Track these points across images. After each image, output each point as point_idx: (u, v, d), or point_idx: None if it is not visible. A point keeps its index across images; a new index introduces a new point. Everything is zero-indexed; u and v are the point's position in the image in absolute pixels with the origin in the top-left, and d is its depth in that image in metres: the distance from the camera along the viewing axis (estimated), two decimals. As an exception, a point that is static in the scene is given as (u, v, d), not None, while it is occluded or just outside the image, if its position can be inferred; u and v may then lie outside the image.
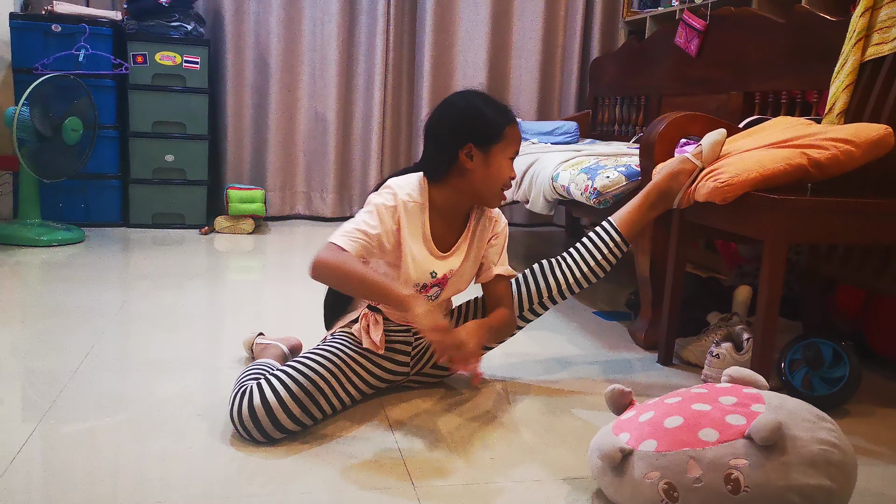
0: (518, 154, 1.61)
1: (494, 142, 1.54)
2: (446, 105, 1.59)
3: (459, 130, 1.54)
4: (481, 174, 1.54)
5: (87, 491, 1.18)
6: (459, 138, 1.54)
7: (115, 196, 3.56)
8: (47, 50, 3.32)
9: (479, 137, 1.53)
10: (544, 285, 1.71)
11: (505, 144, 1.55)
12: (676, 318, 1.94)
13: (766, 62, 2.58)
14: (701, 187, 1.67)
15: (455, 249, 1.61)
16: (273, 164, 3.94)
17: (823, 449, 1.08)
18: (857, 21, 1.89)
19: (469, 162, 1.53)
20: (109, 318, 2.11)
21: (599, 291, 2.80)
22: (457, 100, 1.59)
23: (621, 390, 1.31)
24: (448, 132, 1.56)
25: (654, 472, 1.11)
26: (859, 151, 1.58)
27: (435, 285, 1.59)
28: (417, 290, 1.57)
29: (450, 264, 1.60)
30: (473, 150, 1.53)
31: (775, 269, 1.53)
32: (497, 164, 1.55)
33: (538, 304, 1.72)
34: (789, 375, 1.70)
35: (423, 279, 1.56)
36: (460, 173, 1.55)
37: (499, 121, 1.55)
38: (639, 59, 3.61)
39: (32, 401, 1.52)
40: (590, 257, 1.74)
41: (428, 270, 1.56)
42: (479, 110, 1.55)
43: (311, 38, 3.91)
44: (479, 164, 1.54)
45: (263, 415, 1.36)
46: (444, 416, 1.55)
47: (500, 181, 1.57)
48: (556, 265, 1.73)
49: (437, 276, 1.58)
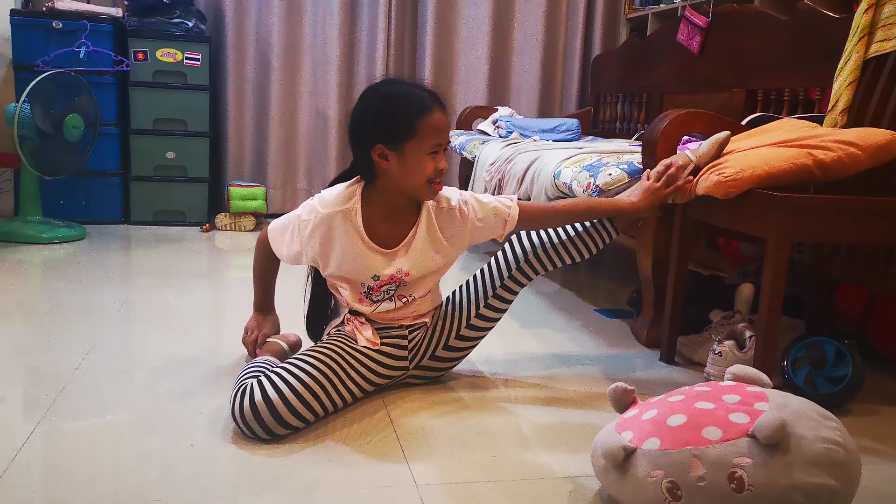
0: (444, 145, 1.50)
1: (406, 139, 1.46)
2: (358, 104, 1.52)
3: (368, 132, 1.49)
4: (398, 173, 1.49)
5: (88, 489, 1.17)
6: (369, 140, 1.48)
7: (116, 193, 3.56)
8: (48, 47, 3.32)
9: (388, 137, 1.46)
10: (520, 249, 1.69)
11: (419, 140, 1.46)
12: (679, 316, 1.93)
13: (769, 60, 2.57)
14: (704, 180, 1.66)
15: (403, 245, 1.56)
16: (274, 162, 3.93)
17: (827, 448, 1.07)
18: (861, 18, 1.88)
19: (384, 162, 1.48)
20: (110, 315, 2.11)
21: (601, 290, 2.79)
22: (366, 97, 1.52)
23: (624, 388, 1.31)
24: (358, 135, 1.51)
25: (658, 471, 1.11)
26: (864, 155, 1.57)
27: (385, 285, 1.57)
28: (364, 291, 1.57)
29: (399, 263, 1.55)
30: (385, 151, 1.47)
31: (778, 268, 1.52)
32: (413, 162, 1.47)
33: (517, 271, 1.68)
34: (792, 374, 1.69)
35: (364, 280, 1.56)
36: (381, 173, 1.50)
37: (408, 116, 1.46)
38: (640, 57, 3.60)
39: (34, 399, 1.52)
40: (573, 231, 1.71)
41: (370, 273, 1.54)
42: (384, 108, 1.48)
43: (313, 36, 3.90)
44: (395, 163, 1.48)
45: (265, 410, 1.36)
46: (446, 414, 1.55)
47: (422, 177, 1.49)
48: (534, 233, 1.71)
49: (380, 279, 1.55)
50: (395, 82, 1.55)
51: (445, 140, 1.51)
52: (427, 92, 1.51)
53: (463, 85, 4.09)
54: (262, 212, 3.62)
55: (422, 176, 1.49)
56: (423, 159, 1.48)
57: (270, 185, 3.93)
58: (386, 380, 1.61)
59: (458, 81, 4.09)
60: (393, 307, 1.61)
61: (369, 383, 1.57)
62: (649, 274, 2.06)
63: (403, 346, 1.63)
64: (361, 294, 1.59)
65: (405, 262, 1.56)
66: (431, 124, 1.47)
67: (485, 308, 1.69)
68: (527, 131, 3.39)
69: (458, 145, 3.44)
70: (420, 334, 1.66)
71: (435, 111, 1.48)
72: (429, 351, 1.67)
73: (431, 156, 1.48)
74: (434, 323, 1.69)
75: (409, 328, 1.64)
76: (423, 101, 1.48)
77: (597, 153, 2.36)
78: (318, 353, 1.50)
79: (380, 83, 1.55)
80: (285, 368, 1.43)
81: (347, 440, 1.40)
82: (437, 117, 1.48)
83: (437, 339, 1.67)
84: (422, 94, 1.50)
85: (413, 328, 1.65)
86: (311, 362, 1.46)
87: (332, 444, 1.38)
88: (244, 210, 3.57)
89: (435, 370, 1.70)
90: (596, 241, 1.72)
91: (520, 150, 2.80)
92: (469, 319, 1.69)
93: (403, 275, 1.57)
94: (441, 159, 1.50)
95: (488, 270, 1.71)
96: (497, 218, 1.63)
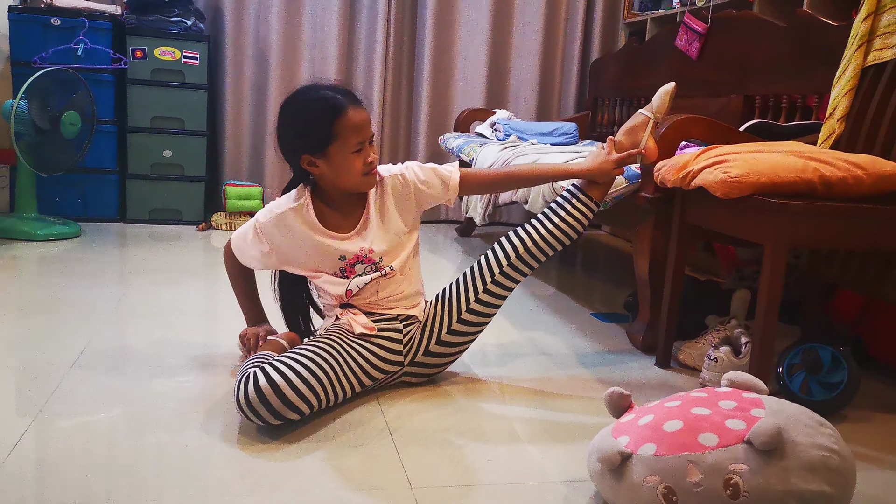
0: (366, 139, 1.55)
1: (327, 144, 1.52)
2: (279, 117, 1.59)
3: (291, 144, 1.57)
4: (331, 176, 1.56)
5: (82, 487, 1.17)
6: (295, 152, 1.56)
7: (112, 191, 3.55)
8: (46, 43, 3.31)
9: (310, 146, 1.53)
10: (509, 246, 1.69)
11: (341, 142, 1.52)
12: (675, 321, 1.93)
13: (767, 66, 2.58)
14: (707, 174, 1.65)
15: (357, 229, 1.62)
16: (271, 161, 3.92)
17: (823, 455, 1.07)
18: (860, 26, 1.89)
19: (315, 169, 1.56)
20: (106, 313, 2.10)
21: (597, 293, 2.80)
22: (283, 109, 1.57)
23: (620, 393, 1.31)
24: (284, 148, 1.59)
25: (654, 476, 1.11)
26: (869, 180, 1.57)
27: (357, 262, 1.62)
28: (340, 275, 1.62)
29: (359, 242, 1.61)
30: (311, 159, 1.54)
31: (775, 273, 1.52)
32: (341, 162, 1.54)
33: (508, 266, 1.68)
34: (787, 380, 1.70)
35: (333, 265, 1.62)
36: (318, 178, 1.59)
37: (324, 122, 1.51)
38: (639, 61, 3.60)
39: (28, 396, 1.51)
40: (554, 216, 1.71)
41: (335, 256, 1.61)
42: (300, 117, 1.54)
43: (311, 35, 3.90)
44: (324, 167, 1.55)
45: (271, 392, 1.36)
46: (440, 417, 1.54)
47: (354, 175, 1.56)
48: (521, 228, 1.72)
49: (346, 258, 1.61)
50: (308, 89, 1.57)
51: (367, 135, 1.56)
52: (340, 92, 1.55)
53: (461, 87, 4.09)
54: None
55: (354, 174, 1.56)
56: (350, 158, 1.54)
57: (267, 185, 3.92)
58: (383, 374, 1.62)
59: (457, 83, 4.08)
60: (371, 280, 1.63)
61: (367, 376, 1.58)
62: (646, 277, 2.06)
63: (398, 339, 1.64)
64: (337, 275, 1.63)
65: (365, 241, 1.62)
66: (348, 125, 1.52)
67: (475, 303, 1.69)
68: (525, 134, 3.40)
69: (456, 147, 3.44)
70: (414, 329, 1.67)
71: (349, 111, 1.52)
72: (422, 346, 1.67)
73: (357, 153, 1.54)
74: (426, 318, 1.70)
75: (403, 321, 1.66)
76: (335, 102, 1.52)
77: (595, 157, 2.36)
78: (318, 343, 1.52)
79: (295, 92, 1.58)
80: (288, 356, 1.45)
81: (343, 442, 1.40)
82: (352, 116, 1.52)
83: (430, 334, 1.68)
84: (334, 96, 1.53)
85: (407, 321, 1.67)
86: (313, 350, 1.49)
87: (327, 446, 1.37)
88: (240, 209, 3.57)
89: (430, 366, 1.70)
90: (579, 220, 1.72)
91: (518, 154, 2.80)
92: (460, 314, 1.69)
93: (368, 251, 1.62)
94: (368, 153, 1.56)
95: (478, 266, 1.72)
96: (440, 180, 1.69)
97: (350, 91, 1.57)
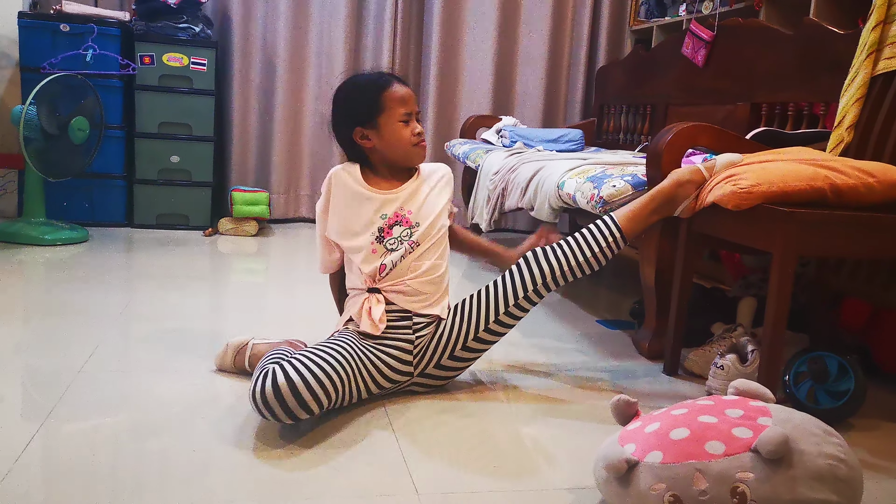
0: (412, 112, 1.70)
1: (377, 114, 1.67)
2: (333, 105, 1.75)
3: (344, 120, 1.71)
4: (383, 146, 1.69)
5: (88, 493, 1.17)
6: (347, 127, 1.70)
7: (119, 196, 3.57)
8: (55, 49, 3.33)
9: (361, 118, 1.68)
10: (538, 271, 1.69)
11: (388, 112, 1.67)
12: (683, 328, 1.93)
13: (774, 74, 2.58)
14: (717, 189, 1.65)
15: (402, 187, 1.72)
16: (278, 167, 3.94)
17: (830, 464, 1.07)
18: (869, 35, 1.89)
19: (368, 142, 1.70)
20: (113, 318, 2.11)
21: (603, 300, 2.80)
22: (335, 96, 1.74)
23: (627, 401, 1.31)
24: (338, 127, 1.73)
25: (660, 484, 1.11)
26: (880, 188, 1.57)
27: (395, 224, 1.68)
28: (377, 236, 1.67)
29: (399, 202, 1.69)
30: (363, 131, 1.69)
31: (784, 282, 1.52)
32: (391, 131, 1.68)
33: (532, 292, 1.69)
34: (794, 388, 1.69)
35: (373, 225, 1.68)
36: (370, 152, 1.71)
37: (370, 94, 1.68)
38: (645, 69, 3.61)
39: (36, 400, 1.52)
40: (587, 248, 1.72)
41: (377, 212, 1.68)
42: (349, 95, 1.71)
43: (318, 42, 3.91)
44: (376, 139, 1.69)
45: (287, 391, 1.36)
46: (447, 424, 1.55)
47: (405, 143, 1.69)
48: (550, 252, 1.72)
49: (387, 217, 1.68)
50: (355, 74, 1.78)
51: (413, 108, 1.71)
52: (384, 73, 1.74)
53: (467, 94, 4.10)
54: (265, 217, 3.63)
55: (404, 142, 1.69)
56: (398, 127, 1.68)
57: (274, 191, 3.94)
58: (391, 384, 1.63)
59: (463, 90, 4.10)
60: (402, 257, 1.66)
61: (376, 384, 1.60)
62: (652, 285, 2.06)
63: (409, 349, 1.64)
64: (373, 242, 1.67)
65: (405, 204, 1.70)
66: (394, 96, 1.68)
67: (494, 323, 1.69)
68: (531, 141, 3.40)
69: (462, 154, 3.44)
70: (425, 340, 1.66)
71: (394, 84, 1.69)
72: (433, 360, 1.67)
73: (404, 124, 1.69)
74: (441, 331, 1.69)
75: (416, 330, 1.65)
76: (381, 78, 1.71)
77: (601, 164, 2.36)
78: (333, 346, 1.54)
79: (343, 81, 1.76)
80: (304, 355, 1.46)
81: (350, 449, 1.40)
82: (397, 89, 1.69)
83: (444, 349, 1.68)
84: (380, 74, 1.73)
85: (419, 330, 1.66)
86: (327, 352, 1.50)
87: (334, 453, 1.38)
88: (247, 215, 3.58)
89: (439, 378, 1.70)
90: (607, 255, 1.73)
91: (523, 160, 2.81)
92: (477, 332, 1.68)
93: (407, 213, 1.69)
94: (414, 125, 1.70)
95: (502, 285, 1.70)
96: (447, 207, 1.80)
97: (394, 73, 1.75)
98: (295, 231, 3.83)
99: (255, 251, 3.27)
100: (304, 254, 3.32)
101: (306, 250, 3.39)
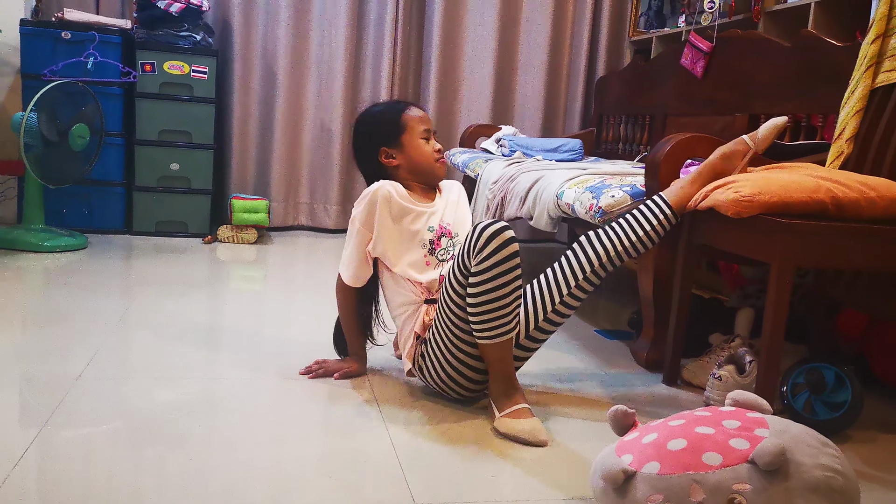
0: (431, 131, 1.81)
1: (399, 134, 1.79)
2: (353, 135, 1.86)
3: (369, 144, 1.81)
4: (407, 163, 1.79)
5: (84, 500, 1.17)
6: (373, 149, 1.80)
7: (118, 203, 3.57)
8: (56, 56, 3.34)
9: (385, 139, 1.79)
10: (593, 253, 1.71)
11: (410, 130, 1.79)
12: (682, 338, 1.93)
13: (772, 85, 2.59)
14: (717, 195, 1.65)
15: (435, 202, 1.80)
16: (277, 175, 3.95)
17: (827, 475, 1.07)
18: (868, 48, 1.90)
19: (392, 160, 1.79)
20: (112, 325, 2.11)
21: (601, 310, 2.80)
22: (356, 126, 1.85)
23: (625, 411, 1.31)
24: (362, 152, 1.83)
25: (657, 495, 1.11)
26: (881, 203, 1.58)
27: (441, 236, 1.75)
28: (428, 248, 1.73)
29: (439, 213, 1.77)
30: (388, 151, 1.79)
31: (782, 293, 1.52)
32: (414, 148, 1.78)
33: (591, 273, 1.70)
34: (791, 399, 1.69)
35: (422, 239, 1.73)
36: (395, 172, 1.80)
37: (391, 116, 1.80)
38: (644, 79, 3.62)
39: (34, 407, 1.52)
40: (639, 227, 1.76)
41: (426, 225, 1.74)
42: (373, 120, 1.82)
43: (319, 51, 3.93)
44: (399, 157, 1.79)
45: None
46: (445, 432, 1.55)
47: (427, 158, 1.79)
48: (603, 234, 1.75)
49: (434, 230, 1.75)
50: (372, 105, 1.89)
51: (430, 127, 1.83)
52: (401, 101, 1.87)
53: (467, 103, 4.12)
54: (265, 224, 3.63)
55: (427, 156, 1.79)
56: (420, 144, 1.79)
57: (273, 199, 3.94)
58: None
59: (463, 99, 4.11)
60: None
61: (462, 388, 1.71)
62: (650, 295, 2.06)
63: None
64: (426, 255, 1.73)
65: (444, 217, 1.78)
66: (413, 116, 1.81)
67: (553, 313, 1.70)
68: (530, 150, 3.41)
69: (461, 163, 3.45)
70: None
71: (411, 108, 1.83)
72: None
73: (426, 141, 1.80)
74: None
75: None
76: (398, 104, 1.84)
77: (600, 174, 2.37)
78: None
79: (361, 113, 1.87)
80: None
81: (347, 458, 1.40)
82: (415, 111, 1.82)
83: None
84: (396, 101, 1.87)
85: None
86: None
87: (330, 460, 1.38)
88: (246, 223, 3.58)
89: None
90: (658, 231, 1.77)
91: (523, 170, 2.81)
92: (537, 323, 1.70)
93: (447, 224, 1.78)
94: (434, 142, 1.82)
95: (560, 272, 1.72)
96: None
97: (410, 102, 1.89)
98: (294, 239, 3.84)
99: (254, 259, 3.27)
100: (302, 262, 3.32)
101: (305, 258, 3.39)
